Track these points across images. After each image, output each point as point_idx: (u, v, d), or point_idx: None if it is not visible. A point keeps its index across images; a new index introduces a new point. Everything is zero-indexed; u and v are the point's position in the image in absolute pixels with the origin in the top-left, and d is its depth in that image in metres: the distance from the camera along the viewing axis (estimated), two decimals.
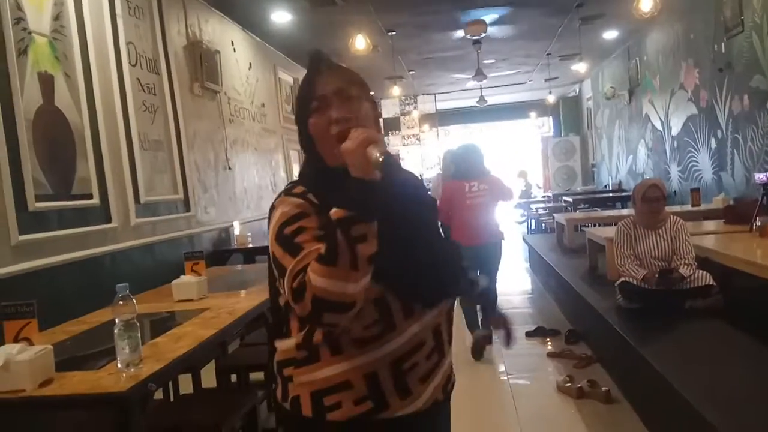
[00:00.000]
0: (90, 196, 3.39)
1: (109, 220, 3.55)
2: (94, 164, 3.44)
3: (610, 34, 7.96)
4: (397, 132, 12.22)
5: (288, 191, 1.12)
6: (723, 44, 5.71)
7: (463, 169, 4.33)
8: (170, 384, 2.87)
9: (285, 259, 1.01)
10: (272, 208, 1.12)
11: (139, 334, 1.71)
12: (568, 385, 3.26)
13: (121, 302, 1.65)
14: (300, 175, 1.20)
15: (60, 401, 1.58)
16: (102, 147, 3.52)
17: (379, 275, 1.00)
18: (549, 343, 4.27)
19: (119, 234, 3.65)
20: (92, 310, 2.61)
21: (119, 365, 1.68)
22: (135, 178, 3.88)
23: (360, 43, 5.58)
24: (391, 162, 0.98)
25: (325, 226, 0.99)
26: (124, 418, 1.56)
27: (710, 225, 4.79)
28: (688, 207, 5.90)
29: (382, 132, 1.12)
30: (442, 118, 12.80)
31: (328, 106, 1.10)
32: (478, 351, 4.07)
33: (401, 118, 12.09)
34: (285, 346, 1.12)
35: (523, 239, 8.52)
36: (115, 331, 1.67)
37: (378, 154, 0.94)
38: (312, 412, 1.07)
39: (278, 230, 1.05)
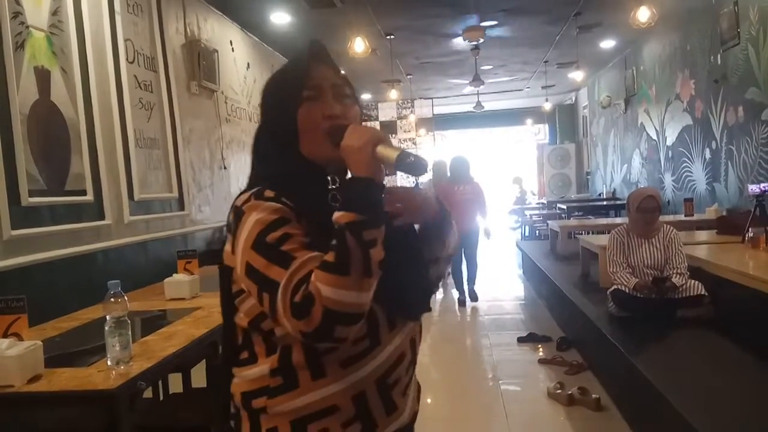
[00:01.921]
0: (84, 192, 3.38)
1: (102, 217, 3.53)
2: (89, 160, 3.42)
3: (608, 43, 8.00)
4: (393, 135, 12.23)
5: (258, 195, 0.98)
6: (719, 56, 5.75)
7: (454, 175, 5.90)
8: (160, 383, 2.85)
9: (271, 271, 0.89)
10: (239, 214, 0.97)
11: (129, 332, 1.70)
12: (559, 391, 3.27)
13: (112, 299, 1.64)
14: (263, 176, 1.05)
15: (48, 398, 1.56)
16: (97, 143, 3.51)
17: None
18: (540, 349, 4.27)
19: (113, 231, 3.64)
20: (83, 306, 2.60)
21: (109, 363, 1.67)
22: (129, 175, 3.87)
23: (359, 45, 5.59)
24: (419, 162, 0.89)
25: (311, 232, 0.92)
26: (113, 415, 1.55)
27: (703, 235, 4.81)
28: (682, 217, 5.93)
29: None
30: (438, 122, 12.83)
31: (323, 98, 1.02)
32: (462, 303, 5.96)
33: (398, 121, 12.11)
34: (253, 374, 1.00)
35: (517, 246, 8.54)
36: (106, 328, 1.66)
37: (403, 151, 0.89)
38: None
39: (257, 238, 0.92)
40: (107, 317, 1.65)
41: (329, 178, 1.02)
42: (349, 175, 0.93)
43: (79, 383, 1.59)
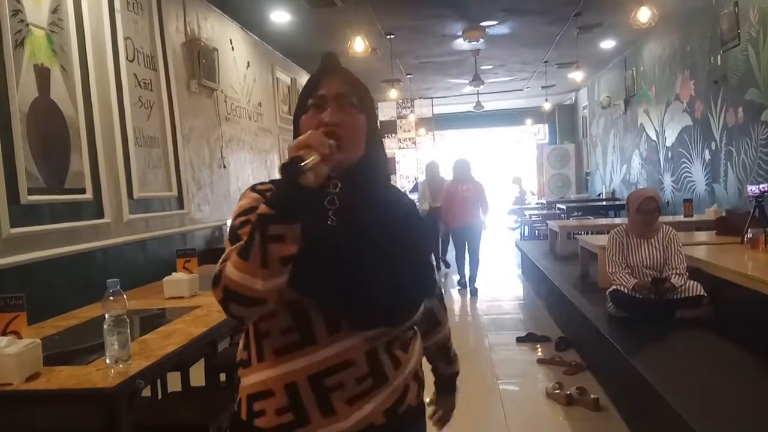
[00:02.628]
0: (83, 191, 3.38)
1: (101, 215, 3.53)
2: (89, 159, 3.42)
3: (608, 44, 8.00)
4: (393, 135, 12.24)
5: (253, 186, 1.12)
6: (719, 57, 5.75)
7: (457, 175, 6.54)
8: (159, 381, 2.86)
9: (227, 246, 1.02)
10: (240, 198, 1.13)
11: (128, 331, 1.70)
12: (558, 391, 3.27)
13: (111, 298, 1.64)
14: None
15: (47, 396, 1.56)
16: (97, 141, 3.51)
17: (298, 282, 0.96)
18: (539, 349, 4.27)
19: (112, 229, 3.64)
20: (82, 305, 2.60)
21: (108, 361, 1.67)
22: (129, 173, 3.87)
23: (359, 45, 5.59)
24: (291, 166, 0.90)
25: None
26: (112, 414, 1.55)
27: (702, 236, 4.81)
28: (681, 217, 5.93)
29: (359, 146, 1.00)
30: (438, 122, 12.83)
31: (323, 107, 1.07)
32: (463, 285, 6.70)
33: (398, 121, 12.11)
34: (240, 345, 1.14)
35: (516, 245, 8.54)
36: (105, 326, 1.66)
37: (306, 161, 0.90)
38: (246, 415, 1.07)
39: (233, 219, 1.07)
40: (106, 316, 1.65)
41: (331, 182, 1.05)
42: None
43: (77, 382, 1.59)
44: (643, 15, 5.01)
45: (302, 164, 0.90)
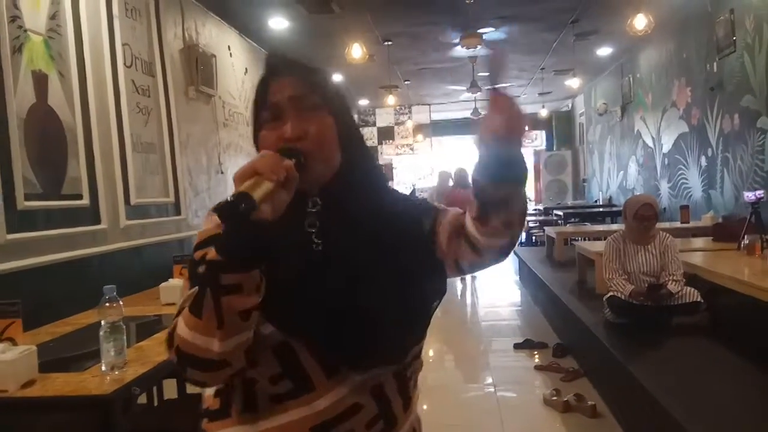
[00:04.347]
0: (80, 197, 3.37)
1: (98, 221, 3.53)
2: (86, 164, 3.42)
3: (604, 51, 8.04)
4: (391, 141, 12.25)
5: (216, 206, 0.87)
6: (715, 64, 5.78)
7: (457, 181, 7.72)
8: (154, 388, 2.84)
9: (184, 289, 0.84)
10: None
11: (124, 337, 1.70)
12: (555, 398, 3.26)
13: (107, 304, 1.64)
14: None
15: (42, 403, 1.56)
16: (94, 147, 3.51)
17: (281, 323, 0.82)
18: (536, 355, 4.27)
19: (108, 235, 3.63)
20: (78, 311, 2.59)
21: (103, 368, 1.66)
22: (126, 179, 3.86)
23: (356, 51, 5.61)
24: (246, 212, 0.72)
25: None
26: (107, 421, 1.54)
27: (699, 242, 4.83)
28: (678, 224, 5.95)
29: (333, 155, 0.79)
30: (436, 128, 12.85)
31: (281, 118, 0.87)
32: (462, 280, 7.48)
33: (395, 127, 12.13)
34: (208, 390, 0.94)
35: (514, 252, 8.54)
36: (101, 333, 1.65)
37: (254, 194, 0.73)
38: None
39: (193, 250, 0.87)
40: (102, 322, 1.65)
41: (310, 200, 0.89)
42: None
43: (73, 388, 1.59)
44: (640, 22, 5.05)
45: (248, 201, 0.72)
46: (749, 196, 4.03)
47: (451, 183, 8.09)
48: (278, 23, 5.92)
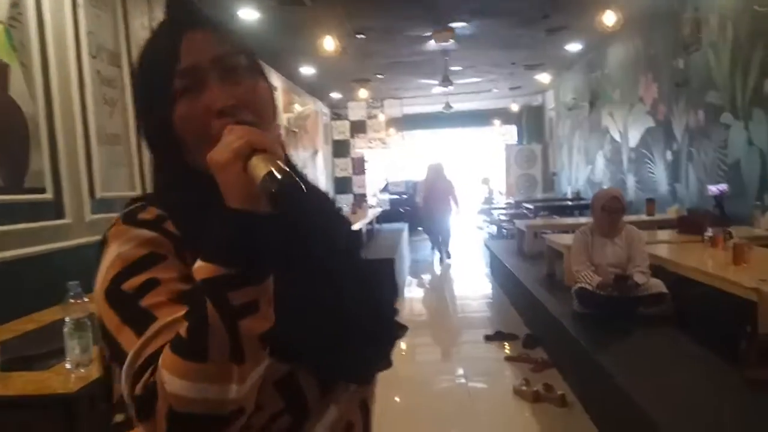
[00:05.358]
0: (43, 190, 3.28)
1: (62, 216, 3.44)
2: (49, 157, 3.33)
3: (574, 46, 8.14)
4: (363, 135, 12.23)
5: (129, 216, 0.70)
6: (681, 60, 5.90)
7: (434, 176, 8.73)
8: None
9: (122, 335, 0.62)
10: (103, 242, 0.72)
11: (90, 334, 1.66)
12: (525, 388, 3.31)
13: (72, 301, 1.60)
14: (155, 185, 0.77)
15: (6, 402, 1.52)
16: (57, 140, 3.41)
17: (285, 350, 0.64)
18: (507, 347, 4.33)
19: (73, 230, 3.54)
20: (42, 308, 2.53)
21: (68, 366, 1.63)
22: (91, 172, 3.77)
23: (328, 44, 5.57)
24: (293, 187, 0.57)
25: (191, 280, 0.61)
26: (72, 420, 1.51)
27: (664, 234, 4.93)
28: (644, 216, 6.07)
29: (280, 132, 0.66)
30: (408, 122, 12.87)
31: (204, 84, 0.69)
32: (441, 260, 8.61)
33: (367, 121, 12.11)
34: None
35: (485, 245, 8.63)
36: (65, 330, 1.62)
37: (272, 172, 0.56)
38: None
39: (112, 284, 0.66)
40: (66, 319, 1.61)
41: None
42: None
43: (37, 387, 1.55)
44: (609, 18, 5.12)
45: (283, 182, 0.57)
46: (713, 189, 4.14)
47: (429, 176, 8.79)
48: (248, 14, 5.84)
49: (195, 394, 0.56)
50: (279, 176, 0.56)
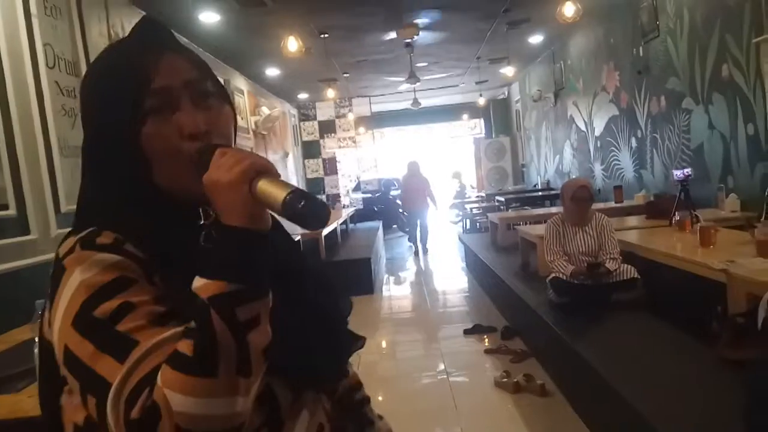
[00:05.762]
0: (5, 207, 3.19)
1: (27, 232, 3.35)
2: (10, 172, 3.24)
3: (536, 39, 8.23)
4: (333, 135, 12.19)
5: (87, 241, 0.68)
6: (641, 48, 6.02)
7: (410, 173, 9.16)
8: None
9: (100, 363, 0.60)
10: (58, 270, 0.68)
11: None
12: (505, 380, 3.34)
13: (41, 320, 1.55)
14: (99, 204, 0.74)
15: None
16: (18, 154, 3.32)
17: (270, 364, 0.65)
18: (486, 340, 4.36)
19: (39, 246, 3.45)
20: (10, 328, 2.46)
21: None
22: (55, 186, 3.68)
23: (292, 45, 5.52)
24: (316, 203, 0.62)
25: (172, 296, 0.65)
26: None
27: (633, 221, 5.03)
28: (612, 204, 6.17)
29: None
30: (377, 120, 12.87)
31: (176, 106, 0.71)
32: (416, 254, 9.02)
33: (336, 120, 12.08)
34: None
35: (459, 239, 8.69)
36: (35, 350, 1.57)
37: (296, 191, 0.61)
38: None
39: (80, 312, 0.63)
40: (36, 339, 1.56)
41: (201, 210, 0.76)
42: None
43: (8, 411, 1.51)
44: (568, 10, 5.18)
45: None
46: (678, 174, 4.22)
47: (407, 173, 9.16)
48: (209, 17, 5.76)
49: (203, 410, 0.57)
50: (300, 195, 0.61)
